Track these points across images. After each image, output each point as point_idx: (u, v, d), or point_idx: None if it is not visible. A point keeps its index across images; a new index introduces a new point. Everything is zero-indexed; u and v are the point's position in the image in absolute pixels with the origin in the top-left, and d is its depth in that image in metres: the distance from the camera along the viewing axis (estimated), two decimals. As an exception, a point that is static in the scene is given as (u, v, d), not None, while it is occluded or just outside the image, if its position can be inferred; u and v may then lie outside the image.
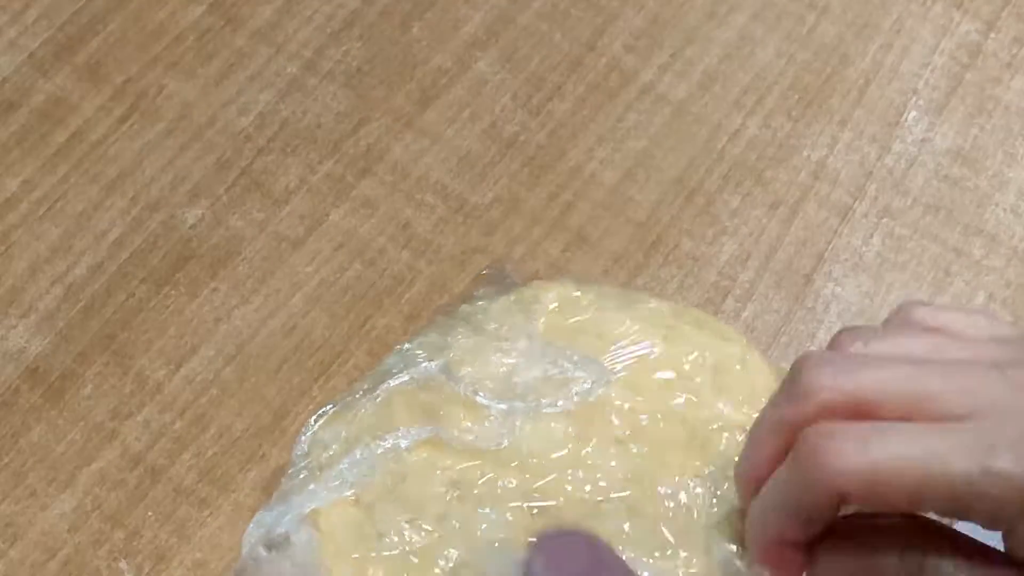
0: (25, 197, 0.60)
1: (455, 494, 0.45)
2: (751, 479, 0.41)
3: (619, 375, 0.48)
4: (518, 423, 0.47)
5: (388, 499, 0.45)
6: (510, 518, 0.45)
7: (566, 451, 0.46)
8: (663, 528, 0.45)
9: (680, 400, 0.47)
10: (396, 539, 0.44)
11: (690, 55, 0.64)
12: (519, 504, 0.45)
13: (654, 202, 0.59)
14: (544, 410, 0.47)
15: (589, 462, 0.46)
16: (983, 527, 0.38)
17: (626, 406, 0.47)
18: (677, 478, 0.46)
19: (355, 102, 0.62)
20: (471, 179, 0.60)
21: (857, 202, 0.60)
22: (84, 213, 0.59)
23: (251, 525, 0.46)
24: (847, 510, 0.39)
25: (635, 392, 0.47)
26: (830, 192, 0.60)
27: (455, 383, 0.47)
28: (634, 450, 0.46)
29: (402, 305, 0.57)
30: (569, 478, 0.46)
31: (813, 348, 0.56)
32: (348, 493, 0.45)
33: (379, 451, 0.46)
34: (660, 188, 0.60)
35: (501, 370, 0.48)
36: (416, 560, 0.44)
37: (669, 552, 0.44)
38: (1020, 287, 0.57)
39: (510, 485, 0.45)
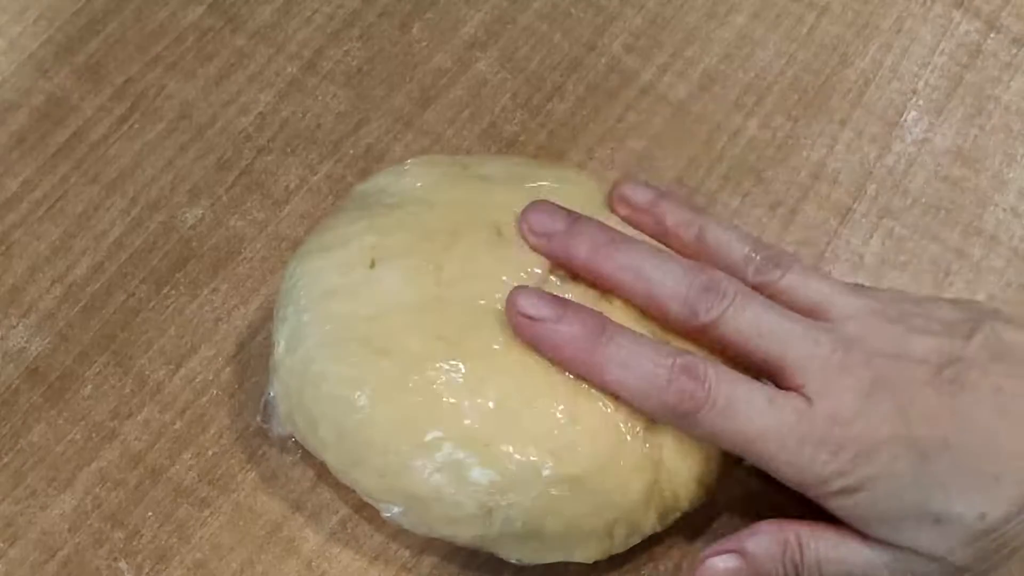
0: (25, 197, 0.60)
1: None
2: None
3: None
4: None
5: None
6: None
7: None
8: None
9: None
10: None
11: (690, 55, 0.64)
12: None
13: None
14: None
15: None
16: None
17: None
18: None
19: (355, 102, 0.63)
20: (471, 179, 0.60)
21: (857, 202, 0.60)
22: (84, 213, 0.59)
23: None
24: None
25: None
26: (830, 192, 0.60)
27: None
28: None
29: (402, 305, 0.57)
30: None
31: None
32: None
33: None
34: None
35: None
36: None
37: None
38: (1020, 287, 0.57)
39: None
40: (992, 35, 0.64)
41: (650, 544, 0.51)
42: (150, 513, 0.53)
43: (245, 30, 0.65)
